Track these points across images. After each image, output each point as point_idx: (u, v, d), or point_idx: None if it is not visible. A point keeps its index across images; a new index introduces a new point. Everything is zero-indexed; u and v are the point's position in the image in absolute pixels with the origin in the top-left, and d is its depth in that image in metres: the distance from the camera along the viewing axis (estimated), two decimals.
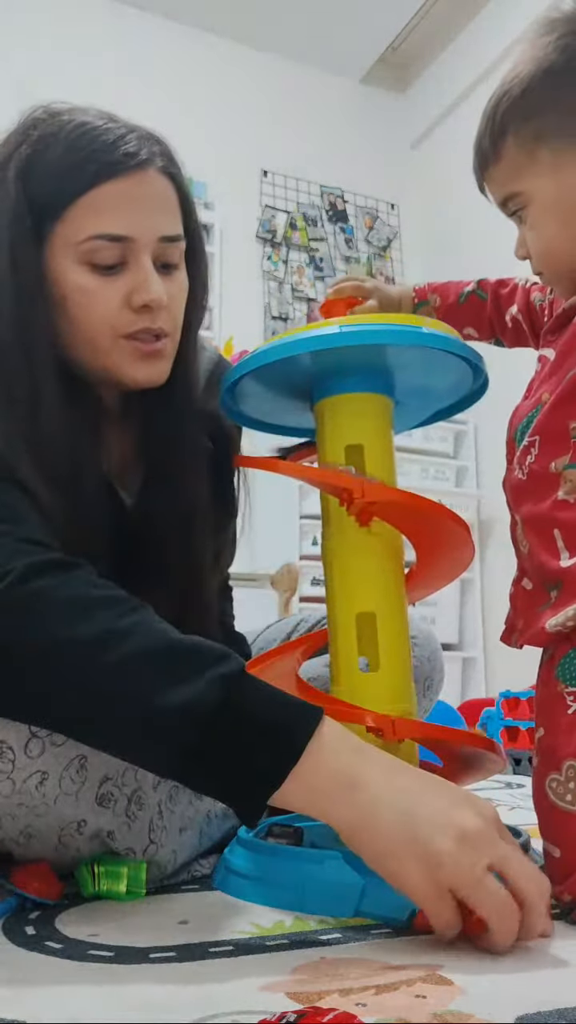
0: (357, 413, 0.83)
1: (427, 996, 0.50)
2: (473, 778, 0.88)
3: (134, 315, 0.78)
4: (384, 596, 0.81)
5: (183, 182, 0.83)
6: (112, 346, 0.79)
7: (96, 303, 0.77)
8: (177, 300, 0.82)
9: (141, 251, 0.77)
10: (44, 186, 0.76)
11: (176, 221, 0.81)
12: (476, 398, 0.90)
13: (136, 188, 0.77)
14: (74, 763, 0.69)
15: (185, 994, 0.51)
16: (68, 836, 0.72)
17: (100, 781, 0.71)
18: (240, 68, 3.71)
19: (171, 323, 0.81)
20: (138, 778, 0.74)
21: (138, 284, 0.77)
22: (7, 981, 0.54)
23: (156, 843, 0.75)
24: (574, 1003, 0.49)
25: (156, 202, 0.79)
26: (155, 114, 3.39)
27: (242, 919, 0.67)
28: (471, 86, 3.56)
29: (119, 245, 0.76)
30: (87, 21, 3.44)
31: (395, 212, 4.02)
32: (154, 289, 0.77)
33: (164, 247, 0.79)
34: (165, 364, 0.82)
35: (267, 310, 3.63)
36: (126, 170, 0.76)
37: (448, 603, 3.28)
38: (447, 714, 2.01)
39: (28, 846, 0.72)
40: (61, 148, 0.76)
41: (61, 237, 0.76)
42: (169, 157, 0.82)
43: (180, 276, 0.83)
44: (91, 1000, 0.51)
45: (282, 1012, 0.43)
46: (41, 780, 0.68)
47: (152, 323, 0.79)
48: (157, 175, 0.79)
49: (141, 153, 0.77)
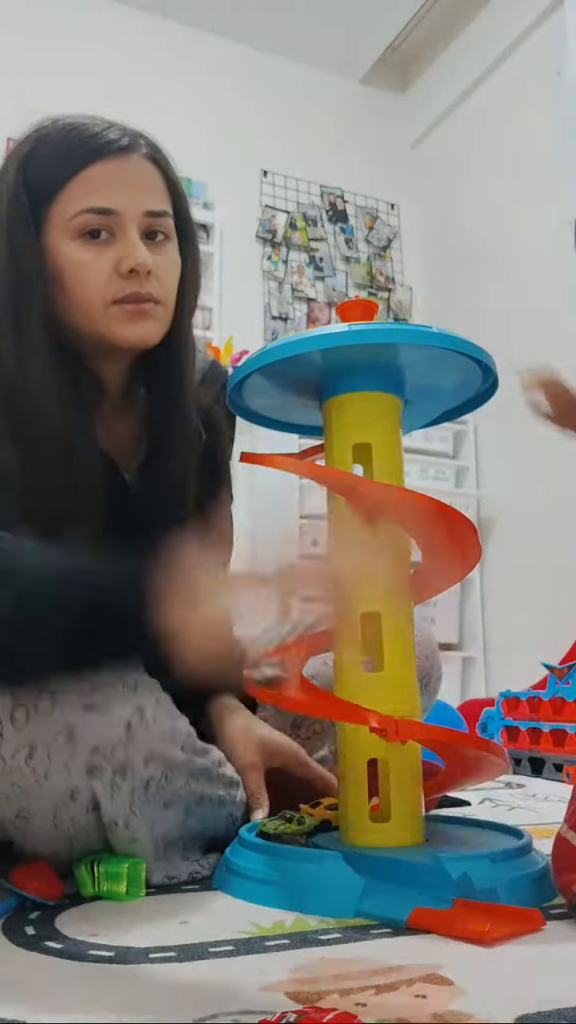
0: (365, 412, 0.83)
1: (427, 996, 0.50)
2: (476, 780, 0.88)
3: (123, 281, 0.84)
4: (389, 596, 0.81)
5: (169, 168, 0.90)
6: (104, 312, 0.85)
7: (88, 272, 0.84)
8: (165, 270, 0.87)
9: (127, 223, 0.84)
10: (40, 174, 0.84)
11: (161, 199, 0.87)
12: (486, 398, 0.90)
13: (121, 168, 0.85)
14: (62, 733, 0.71)
15: (185, 994, 0.51)
16: (63, 810, 0.73)
17: (89, 752, 0.72)
18: (240, 68, 3.71)
19: (160, 290, 0.87)
20: (128, 751, 0.74)
21: (125, 252, 0.84)
22: (7, 981, 0.54)
23: (137, 815, 0.76)
24: (574, 1003, 0.49)
25: (140, 181, 0.86)
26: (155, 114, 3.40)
27: (242, 919, 0.67)
28: (471, 86, 3.56)
29: (107, 218, 0.83)
30: (87, 21, 3.44)
31: (395, 212, 4.02)
32: (139, 254, 0.84)
33: (150, 221, 0.86)
34: (153, 325, 0.87)
35: (267, 310, 3.63)
36: (111, 153, 0.84)
37: (448, 603, 3.28)
38: (447, 714, 2.01)
39: (26, 829, 0.73)
40: (54, 141, 0.85)
41: (56, 216, 0.84)
42: (154, 147, 0.89)
43: (169, 249, 0.88)
44: (91, 1000, 0.51)
45: (282, 1012, 0.43)
46: (30, 754, 0.70)
47: (140, 288, 0.85)
48: (141, 159, 0.86)
49: (124, 140, 0.86)
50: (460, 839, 0.83)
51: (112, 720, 0.73)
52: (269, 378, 0.84)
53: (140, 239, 0.85)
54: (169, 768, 0.78)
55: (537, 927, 0.64)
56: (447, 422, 0.98)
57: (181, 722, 0.82)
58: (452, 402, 0.92)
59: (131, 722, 0.74)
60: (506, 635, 3.25)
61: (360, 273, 3.87)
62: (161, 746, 0.77)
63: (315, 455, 0.91)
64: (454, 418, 0.96)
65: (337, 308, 0.91)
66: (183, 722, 0.82)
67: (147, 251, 0.85)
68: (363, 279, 3.86)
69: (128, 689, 0.75)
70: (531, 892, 0.71)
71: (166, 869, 0.80)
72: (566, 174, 3.05)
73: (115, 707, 0.74)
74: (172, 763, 0.78)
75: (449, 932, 0.63)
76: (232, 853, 0.79)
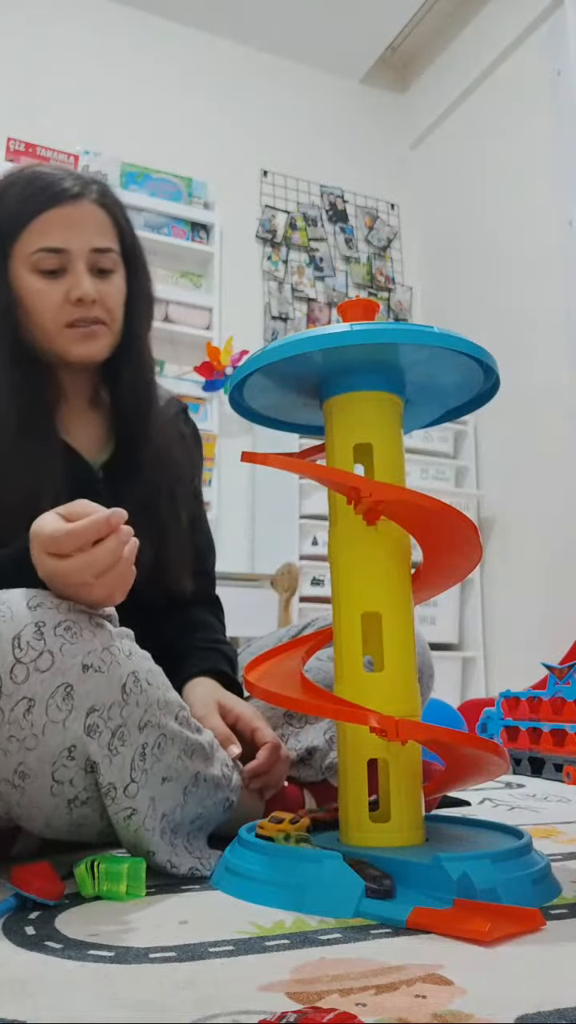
0: (367, 412, 0.83)
1: (427, 996, 0.50)
2: (476, 780, 0.88)
3: (72, 307, 1.01)
4: (390, 596, 0.81)
5: (116, 208, 1.06)
6: (57, 333, 1.03)
7: (43, 300, 1.01)
8: (110, 296, 1.04)
9: (76, 259, 1.01)
10: (8, 217, 1.01)
11: (107, 237, 1.03)
12: (488, 398, 0.90)
13: (71, 214, 1.01)
14: (60, 690, 0.73)
15: (185, 994, 0.51)
16: (61, 770, 0.74)
17: (87, 711, 0.75)
18: (240, 68, 3.71)
19: (106, 314, 1.04)
20: (124, 714, 0.77)
21: (73, 284, 1.01)
22: (7, 981, 0.54)
23: (137, 783, 0.78)
24: (574, 1003, 0.49)
25: (88, 223, 1.02)
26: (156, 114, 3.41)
27: (242, 919, 0.67)
28: (471, 86, 3.56)
29: (59, 256, 1.01)
30: (87, 21, 3.44)
31: (395, 212, 4.02)
32: (84, 285, 1.01)
33: (96, 256, 1.02)
34: (100, 344, 1.04)
35: (267, 310, 3.63)
36: (63, 200, 1.01)
37: (448, 603, 3.28)
38: (447, 714, 2.01)
39: (24, 788, 0.75)
40: (18, 189, 1.02)
41: (18, 252, 1.01)
42: (104, 192, 1.05)
43: (115, 278, 1.05)
44: (91, 1000, 0.51)
45: (282, 1012, 0.43)
46: (28, 708, 0.72)
47: (87, 312, 1.02)
48: (90, 204, 1.02)
49: (76, 188, 1.02)
50: (460, 839, 0.83)
51: (110, 680, 0.76)
52: (270, 378, 0.84)
53: (88, 272, 1.01)
54: (163, 735, 0.80)
55: (537, 927, 0.64)
56: (447, 422, 0.98)
57: (173, 695, 0.84)
58: (453, 402, 0.92)
59: (127, 684, 0.77)
60: (506, 635, 3.25)
61: (360, 273, 3.87)
62: (156, 713, 0.80)
63: (315, 455, 0.91)
64: (455, 418, 0.96)
65: (338, 308, 0.91)
66: (176, 695, 0.85)
67: (92, 283, 1.01)
68: (363, 279, 3.87)
69: (123, 655, 0.78)
70: (531, 892, 0.70)
71: (169, 854, 0.80)
72: (566, 174, 3.05)
73: (112, 669, 0.76)
74: (166, 731, 0.81)
75: (449, 932, 0.63)
76: (232, 852, 0.79)
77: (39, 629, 0.74)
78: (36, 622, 0.74)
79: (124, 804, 0.77)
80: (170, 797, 0.82)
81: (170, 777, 0.82)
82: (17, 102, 3.21)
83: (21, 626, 0.74)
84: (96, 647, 0.76)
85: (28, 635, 0.73)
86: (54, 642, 0.74)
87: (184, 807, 0.84)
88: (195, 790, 0.85)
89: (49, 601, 0.77)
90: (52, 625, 0.75)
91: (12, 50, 3.27)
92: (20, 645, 0.73)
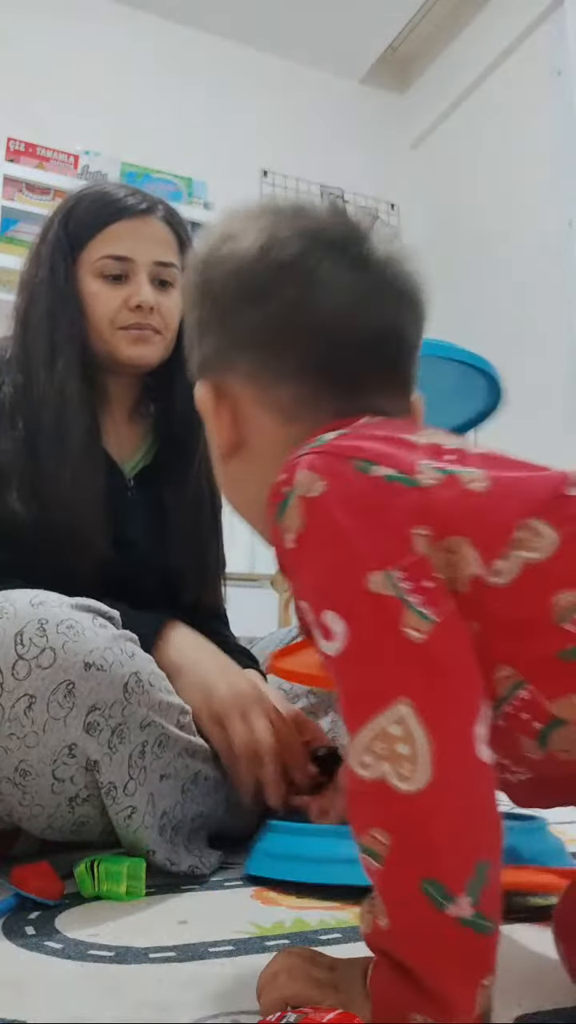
0: None
1: None
2: None
3: (130, 313, 1.06)
4: None
5: (181, 230, 1.11)
6: (111, 334, 1.06)
7: (102, 303, 1.06)
8: (168, 309, 1.07)
9: (139, 269, 1.06)
10: (77, 227, 1.07)
11: (170, 252, 1.08)
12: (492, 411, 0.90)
13: (138, 227, 1.06)
14: (61, 688, 0.74)
15: (185, 994, 0.51)
16: (61, 768, 0.75)
17: (88, 709, 0.75)
18: (240, 68, 3.71)
19: (162, 324, 1.07)
20: (125, 713, 0.77)
21: (134, 291, 1.05)
22: (7, 981, 0.54)
23: (135, 779, 0.78)
24: (573, 1003, 0.49)
25: (153, 237, 1.07)
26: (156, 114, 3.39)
27: (242, 919, 0.67)
28: (471, 86, 3.55)
29: (122, 263, 1.06)
30: (87, 21, 3.44)
31: (395, 212, 4.02)
32: (144, 293, 1.05)
33: (159, 269, 1.07)
34: (152, 349, 1.08)
35: None
36: (132, 214, 1.06)
37: None
38: None
39: (26, 787, 0.75)
40: (88, 202, 1.08)
41: (86, 259, 1.06)
42: (171, 211, 1.11)
43: (174, 293, 1.08)
44: (91, 1000, 0.51)
45: (282, 1012, 0.43)
46: (29, 704, 0.73)
47: (143, 319, 1.06)
48: (156, 220, 1.08)
49: (143, 204, 1.07)
50: None
51: (112, 679, 0.76)
52: None
53: (149, 282, 1.06)
54: (164, 734, 0.81)
55: None
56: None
57: (176, 699, 0.85)
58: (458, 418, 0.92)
59: (129, 684, 0.77)
60: None
61: None
62: (156, 715, 0.80)
63: None
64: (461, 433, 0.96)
65: None
66: (178, 700, 0.86)
67: (153, 292, 1.06)
68: None
69: (126, 655, 0.79)
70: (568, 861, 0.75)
71: (168, 852, 0.80)
72: (566, 174, 3.05)
73: (114, 668, 0.77)
74: (166, 732, 0.81)
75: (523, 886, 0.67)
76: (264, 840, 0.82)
77: (42, 626, 0.74)
78: (39, 619, 0.74)
79: (125, 803, 0.77)
80: (168, 794, 0.82)
81: (168, 774, 0.82)
82: (17, 102, 3.21)
83: (24, 623, 0.74)
84: (98, 646, 0.76)
85: (31, 632, 0.73)
86: (56, 639, 0.74)
87: (183, 805, 0.84)
88: (194, 788, 0.85)
89: (52, 599, 0.77)
90: (55, 623, 0.75)
91: (12, 50, 3.27)
92: (22, 642, 0.73)
